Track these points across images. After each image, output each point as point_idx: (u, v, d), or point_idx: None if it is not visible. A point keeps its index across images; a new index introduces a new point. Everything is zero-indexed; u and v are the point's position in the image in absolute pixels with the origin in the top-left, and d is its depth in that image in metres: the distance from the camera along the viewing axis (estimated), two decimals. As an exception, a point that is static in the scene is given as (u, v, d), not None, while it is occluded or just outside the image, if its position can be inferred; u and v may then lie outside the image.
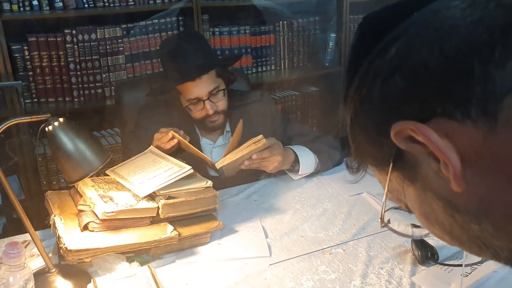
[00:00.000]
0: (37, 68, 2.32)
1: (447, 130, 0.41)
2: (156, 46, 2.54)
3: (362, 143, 0.50)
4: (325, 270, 1.23)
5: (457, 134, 0.41)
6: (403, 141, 0.44)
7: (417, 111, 0.43)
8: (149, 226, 1.29)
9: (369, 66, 0.47)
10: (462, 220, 0.45)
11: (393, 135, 0.44)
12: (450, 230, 0.47)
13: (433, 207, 0.46)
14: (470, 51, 0.40)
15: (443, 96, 0.41)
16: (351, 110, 0.50)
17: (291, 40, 2.91)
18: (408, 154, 0.45)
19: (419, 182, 0.46)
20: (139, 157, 1.53)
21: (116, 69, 2.46)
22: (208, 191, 1.38)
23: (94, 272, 1.20)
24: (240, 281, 1.19)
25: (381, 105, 0.46)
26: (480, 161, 0.41)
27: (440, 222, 0.47)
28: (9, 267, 0.98)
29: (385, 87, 0.45)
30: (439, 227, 0.48)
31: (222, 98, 1.69)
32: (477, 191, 0.42)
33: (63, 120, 1.15)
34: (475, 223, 0.44)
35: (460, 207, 0.44)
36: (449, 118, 0.41)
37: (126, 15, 2.48)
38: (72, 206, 1.35)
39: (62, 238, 1.18)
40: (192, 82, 1.62)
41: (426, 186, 0.46)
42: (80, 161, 1.15)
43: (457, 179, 0.42)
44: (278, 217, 1.50)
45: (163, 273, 1.22)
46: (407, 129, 0.43)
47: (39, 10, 2.28)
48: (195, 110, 1.68)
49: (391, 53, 0.45)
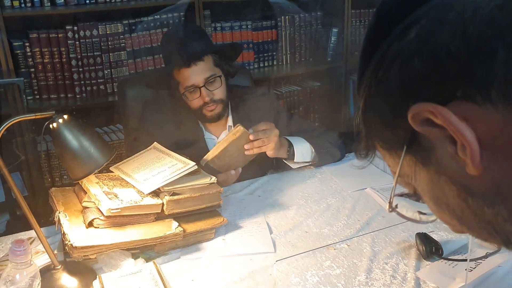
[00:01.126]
0: (38, 65, 2.32)
1: (466, 114, 0.41)
2: (158, 42, 2.53)
3: (376, 126, 0.50)
4: (330, 265, 1.23)
5: (476, 118, 0.41)
6: (420, 124, 0.44)
7: (437, 93, 0.43)
8: (154, 222, 1.30)
9: (387, 48, 0.46)
10: (475, 205, 0.44)
11: (411, 117, 0.44)
12: (460, 215, 0.47)
13: (445, 191, 0.46)
14: (493, 35, 0.40)
15: (464, 79, 0.41)
16: (365, 93, 0.50)
17: (293, 35, 2.90)
18: (423, 137, 0.45)
19: (432, 165, 0.46)
20: (143, 154, 1.53)
21: (118, 65, 2.46)
22: (212, 187, 1.38)
23: (100, 268, 1.21)
24: (245, 277, 1.19)
25: (399, 87, 0.45)
26: (499, 145, 0.41)
27: (450, 207, 0.47)
28: (15, 265, 0.98)
29: (404, 70, 0.45)
30: (449, 212, 0.48)
31: (219, 86, 1.69)
32: (494, 175, 0.42)
33: (67, 117, 1.14)
34: (489, 207, 0.44)
35: (475, 191, 0.44)
36: (469, 101, 0.41)
37: (128, 11, 2.47)
38: (76, 203, 1.35)
39: (67, 235, 1.18)
40: (188, 69, 1.63)
41: (440, 170, 0.46)
42: (85, 158, 1.15)
43: (474, 162, 0.41)
44: (282, 212, 1.51)
45: (168, 269, 1.22)
46: (426, 111, 0.42)
47: (40, 6, 2.28)
48: (191, 98, 1.68)
49: (411, 36, 0.45)
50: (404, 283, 1.15)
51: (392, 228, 1.39)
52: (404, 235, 1.35)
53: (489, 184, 0.43)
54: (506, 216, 0.43)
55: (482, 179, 0.43)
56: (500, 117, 0.40)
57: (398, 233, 1.36)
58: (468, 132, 0.41)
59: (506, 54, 0.39)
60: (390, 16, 0.48)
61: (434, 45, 0.43)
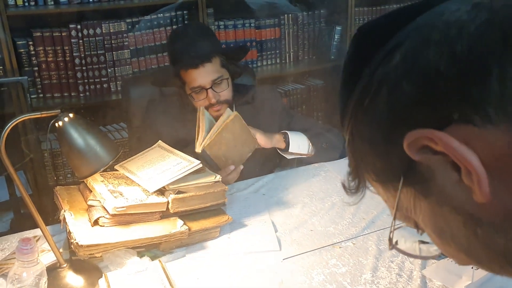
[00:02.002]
0: (42, 63, 2.32)
1: (466, 137, 0.38)
2: (161, 41, 2.53)
3: (366, 158, 0.47)
4: (335, 263, 1.23)
5: (477, 140, 0.38)
6: (417, 152, 0.41)
7: (431, 118, 0.40)
8: (159, 220, 1.30)
9: (372, 75, 0.44)
10: (485, 235, 0.41)
11: (406, 146, 0.41)
12: (468, 248, 0.44)
13: (449, 223, 0.43)
14: (484, 51, 0.38)
15: (459, 99, 0.39)
16: (351, 124, 0.47)
17: (296, 33, 2.90)
18: (422, 166, 0.42)
19: (434, 195, 0.43)
20: (147, 152, 1.53)
21: (121, 63, 2.46)
22: (217, 186, 1.38)
23: (105, 267, 1.21)
24: (250, 275, 1.19)
25: (389, 115, 0.43)
26: (505, 168, 0.38)
27: (456, 239, 0.44)
28: (22, 263, 0.98)
29: (392, 96, 0.42)
30: (455, 244, 0.45)
31: (226, 88, 1.69)
32: (503, 201, 0.39)
33: (73, 115, 1.14)
34: (501, 236, 0.40)
35: (483, 220, 0.41)
36: (467, 124, 0.38)
37: (131, 9, 2.47)
38: (81, 201, 1.35)
39: (72, 233, 1.18)
40: (195, 70, 1.63)
41: (442, 200, 0.42)
42: (91, 156, 1.15)
43: (482, 188, 0.38)
44: (287, 211, 1.50)
45: (173, 267, 1.22)
46: (423, 138, 0.40)
47: (44, 5, 2.27)
48: (197, 99, 1.68)
49: (396, 59, 0.42)
50: (410, 281, 1.15)
51: (397, 226, 1.38)
52: (409, 233, 1.34)
53: (499, 211, 0.39)
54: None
55: (490, 206, 0.39)
56: (502, 136, 0.37)
57: (404, 231, 1.36)
58: (472, 156, 0.38)
59: (500, 69, 0.37)
60: (370, 41, 0.46)
61: (422, 67, 0.40)
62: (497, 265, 0.43)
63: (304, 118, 2.05)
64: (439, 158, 0.40)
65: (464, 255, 0.45)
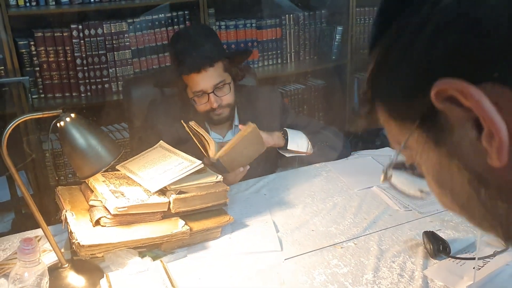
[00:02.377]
0: (43, 64, 2.32)
1: (499, 99, 0.37)
2: (163, 41, 2.53)
3: (387, 92, 0.46)
4: (337, 264, 1.23)
5: (509, 105, 0.37)
6: (443, 101, 0.39)
7: (470, 71, 0.38)
8: (160, 221, 1.30)
9: (417, 10, 0.42)
10: (488, 196, 0.41)
11: (435, 92, 0.39)
12: (465, 203, 0.44)
13: (454, 176, 0.43)
14: None
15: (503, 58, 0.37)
16: (380, 56, 0.45)
17: (298, 33, 2.90)
18: (442, 116, 0.41)
19: (446, 147, 0.42)
20: (149, 152, 1.53)
21: (122, 64, 2.46)
22: (218, 186, 1.38)
23: (107, 267, 1.21)
24: (251, 275, 1.19)
25: (426, 57, 0.41)
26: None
27: (456, 193, 0.44)
28: (24, 263, 0.98)
29: (437, 38, 0.40)
30: (452, 197, 0.45)
31: (228, 92, 1.69)
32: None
33: (74, 115, 1.14)
34: (504, 201, 0.40)
35: (491, 183, 0.40)
36: (504, 86, 0.37)
37: (132, 10, 2.47)
38: (83, 201, 1.35)
39: (74, 233, 1.18)
40: (198, 74, 1.63)
41: (454, 153, 0.42)
42: (93, 156, 1.15)
43: (501, 153, 0.37)
44: (288, 211, 1.50)
45: (175, 267, 1.22)
46: (454, 89, 0.38)
47: (45, 5, 2.28)
48: (199, 103, 1.68)
49: (448, 1, 0.40)
50: (412, 282, 1.15)
51: (399, 226, 1.39)
52: (411, 234, 1.34)
53: (510, 178, 0.39)
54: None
55: (503, 172, 0.39)
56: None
57: (405, 231, 1.36)
58: (500, 120, 0.37)
59: None
60: None
61: (479, 16, 0.38)
62: (487, 224, 0.43)
63: (304, 118, 2.05)
64: (464, 113, 0.39)
65: (458, 208, 0.45)
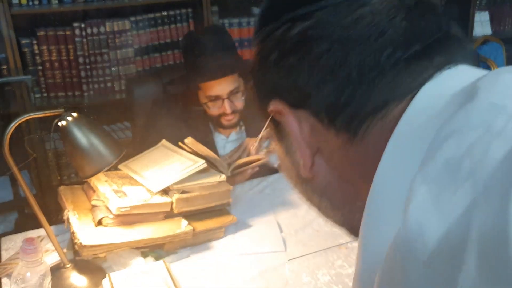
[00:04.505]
0: (46, 63, 2.32)
1: (313, 125, 0.45)
2: (165, 39, 2.52)
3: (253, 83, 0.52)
4: (341, 264, 1.22)
5: (320, 134, 0.45)
6: (275, 114, 0.48)
7: (294, 96, 0.45)
8: (163, 221, 1.29)
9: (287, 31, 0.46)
10: (308, 190, 0.50)
11: (269, 108, 0.48)
12: (302, 191, 0.52)
13: (288, 169, 0.51)
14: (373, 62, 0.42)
15: (320, 97, 0.43)
16: (257, 50, 0.50)
17: (301, 32, 2.88)
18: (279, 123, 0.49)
19: (284, 144, 0.50)
20: (151, 152, 1.52)
21: (125, 62, 2.45)
22: (221, 186, 1.37)
23: (109, 267, 1.20)
24: (255, 276, 1.18)
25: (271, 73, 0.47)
26: (333, 158, 0.45)
27: (293, 181, 0.52)
28: (26, 263, 0.97)
29: (284, 59, 0.46)
30: (292, 183, 0.53)
31: (241, 97, 1.69)
32: (324, 179, 0.47)
33: (76, 114, 1.13)
34: (317, 197, 0.50)
35: (308, 182, 0.49)
36: (317, 118, 0.44)
37: (135, 8, 2.47)
38: (85, 201, 1.34)
39: (76, 233, 1.18)
40: (215, 80, 1.62)
41: (287, 153, 0.50)
42: (95, 155, 1.14)
43: (305, 170, 0.47)
44: (292, 211, 1.49)
45: (177, 268, 1.22)
46: (276, 110, 0.47)
47: (47, 4, 2.27)
48: (213, 108, 1.68)
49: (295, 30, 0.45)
50: (417, 283, 1.14)
51: (403, 226, 1.37)
52: (416, 234, 1.33)
53: (319, 183, 0.48)
54: (329, 207, 0.50)
55: (314, 179, 0.48)
56: (339, 141, 0.43)
57: (410, 231, 1.34)
58: (304, 148, 0.46)
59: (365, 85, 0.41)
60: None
61: (311, 50, 0.43)
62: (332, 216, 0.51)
63: None
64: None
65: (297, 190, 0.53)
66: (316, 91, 0.43)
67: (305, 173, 0.47)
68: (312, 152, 0.46)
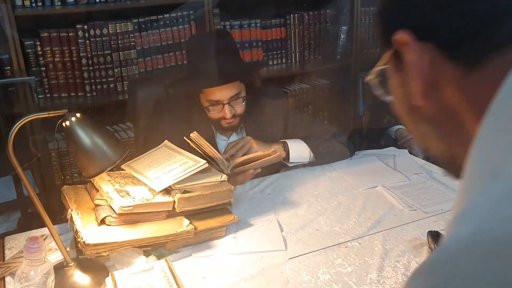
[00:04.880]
0: (49, 64, 2.34)
1: (434, 57, 0.47)
2: (168, 41, 2.54)
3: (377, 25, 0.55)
4: (341, 263, 1.23)
5: (438, 65, 0.47)
6: (398, 45, 0.50)
7: (423, 28, 0.47)
8: (165, 220, 1.30)
9: None
10: (416, 119, 0.52)
11: (393, 38, 0.49)
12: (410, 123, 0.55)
13: (400, 98, 0.53)
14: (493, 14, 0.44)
15: (448, 30, 0.45)
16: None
17: (302, 33, 2.90)
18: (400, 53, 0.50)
19: (400, 74, 0.52)
20: (154, 152, 1.53)
21: (128, 63, 2.47)
22: (223, 185, 1.39)
23: (112, 266, 1.22)
24: (256, 275, 1.20)
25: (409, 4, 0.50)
26: (447, 89, 0.47)
27: (403, 110, 0.54)
28: (30, 262, 0.99)
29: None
30: (402, 113, 0.55)
31: (241, 102, 1.71)
32: (434, 109, 0.49)
33: (80, 115, 1.15)
34: (424, 126, 0.52)
35: (418, 111, 0.51)
36: (440, 51, 0.46)
37: (138, 10, 2.48)
38: (88, 200, 1.36)
39: (79, 232, 1.19)
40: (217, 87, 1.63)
41: (402, 82, 0.52)
42: (98, 155, 1.15)
43: (418, 98, 0.49)
44: (292, 210, 1.50)
45: (179, 266, 1.23)
46: (401, 40, 0.48)
47: (51, 6, 2.29)
48: (213, 111, 1.69)
49: None
50: (416, 282, 1.15)
51: (403, 226, 1.38)
52: (415, 233, 1.34)
53: (430, 112, 0.50)
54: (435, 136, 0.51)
55: (424, 108, 0.50)
56: (457, 74, 0.46)
57: (410, 231, 1.36)
58: (422, 76, 0.48)
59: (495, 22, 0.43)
60: None
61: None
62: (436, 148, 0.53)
63: (310, 119, 2.05)
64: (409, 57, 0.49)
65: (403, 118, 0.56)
66: (445, 24, 0.45)
67: (418, 101, 0.49)
68: (427, 82, 0.48)
